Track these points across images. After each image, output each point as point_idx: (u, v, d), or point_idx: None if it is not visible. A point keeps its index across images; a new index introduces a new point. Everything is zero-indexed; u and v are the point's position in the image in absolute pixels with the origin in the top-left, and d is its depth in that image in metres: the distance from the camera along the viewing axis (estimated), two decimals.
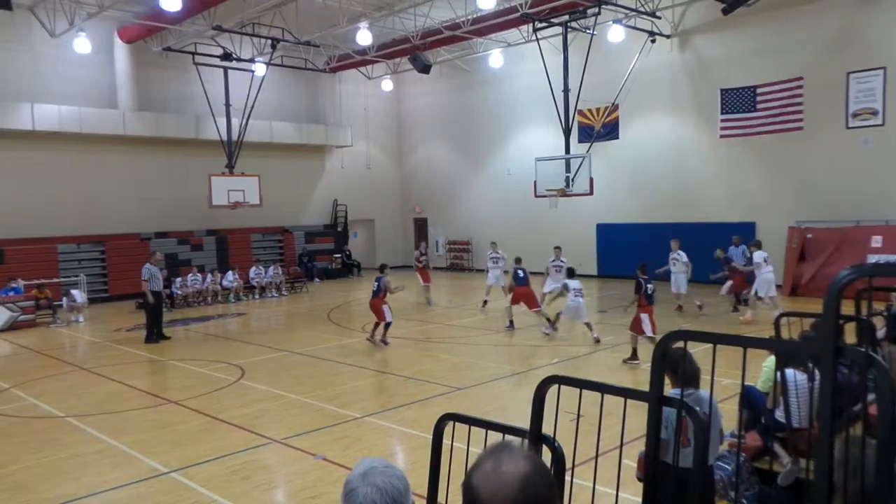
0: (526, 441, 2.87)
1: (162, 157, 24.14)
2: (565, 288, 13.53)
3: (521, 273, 14.79)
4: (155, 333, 15.01)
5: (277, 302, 22.06)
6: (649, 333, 11.19)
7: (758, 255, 14.66)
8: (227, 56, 22.35)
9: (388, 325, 13.48)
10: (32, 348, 15.04)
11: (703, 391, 4.39)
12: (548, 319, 14.22)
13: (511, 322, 14.91)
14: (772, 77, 19.26)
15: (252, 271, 23.18)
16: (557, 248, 16.86)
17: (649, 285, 11.55)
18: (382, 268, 14.45)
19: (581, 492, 3.85)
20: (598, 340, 13.04)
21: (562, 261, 16.23)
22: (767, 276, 14.54)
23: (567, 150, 19.46)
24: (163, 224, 24.11)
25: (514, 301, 14.68)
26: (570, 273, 14.00)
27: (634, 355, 11.30)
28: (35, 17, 20.65)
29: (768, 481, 5.33)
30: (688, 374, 4.34)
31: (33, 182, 21.46)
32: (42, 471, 7.29)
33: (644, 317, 11.27)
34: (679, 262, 16.71)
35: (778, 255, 19.27)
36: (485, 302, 18.08)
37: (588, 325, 13.36)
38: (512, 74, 25.85)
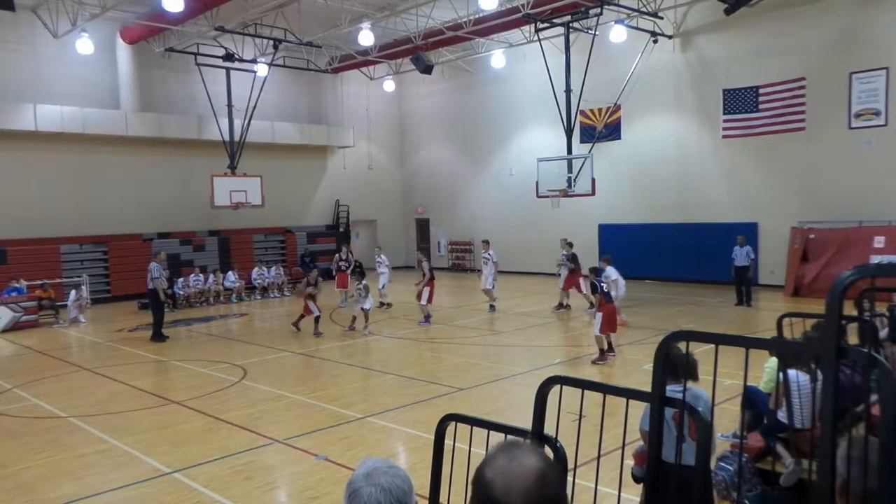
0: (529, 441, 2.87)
1: (164, 158, 24.17)
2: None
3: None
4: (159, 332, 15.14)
5: (279, 302, 22.09)
6: (597, 332, 11.33)
7: (611, 271, 14.08)
8: (229, 57, 22.38)
9: (317, 318, 15.08)
10: (35, 349, 15.06)
11: (699, 389, 4.39)
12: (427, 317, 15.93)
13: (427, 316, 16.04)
14: (774, 77, 19.25)
15: (255, 272, 23.22)
16: (486, 241, 18.34)
17: (602, 284, 11.67)
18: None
19: (583, 492, 3.85)
20: (361, 328, 15.04)
21: (489, 254, 17.71)
22: (622, 292, 14.59)
23: (569, 151, 19.46)
24: (165, 224, 24.14)
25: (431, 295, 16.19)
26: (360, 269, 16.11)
27: (603, 354, 11.47)
28: (38, 17, 20.69)
29: (771, 482, 5.32)
30: (687, 368, 4.32)
31: (36, 182, 21.50)
32: (45, 471, 7.30)
33: (599, 315, 11.31)
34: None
35: (780, 255, 19.29)
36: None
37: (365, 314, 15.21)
38: (514, 75, 25.85)
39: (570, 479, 2.82)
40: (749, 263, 17.16)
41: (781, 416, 5.46)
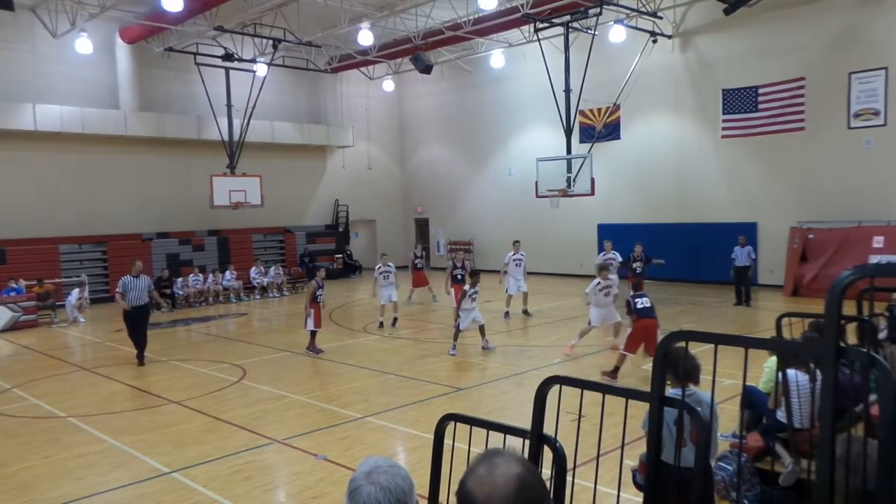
0: (517, 444, 2.87)
1: (164, 158, 24.16)
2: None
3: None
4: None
5: (279, 302, 22.08)
6: (623, 349, 10.51)
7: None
8: (228, 56, 22.37)
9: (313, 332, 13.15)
10: (34, 348, 15.06)
11: (703, 392, 4.39)
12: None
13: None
14: (773, 77, 19.25)
15: (253, 271, 23.20)
16: (517, 241, 17.26)
17: (637, 301, 10.77)
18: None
19: (582, 492, 3.85)
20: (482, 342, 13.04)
21: (521, 254, 16.64)
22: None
23: (568, 151, 19.46)
24: (164, 224, 24.13)
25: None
26: None
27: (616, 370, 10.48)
28: (37, 17, 20.71)
29: (770, 482, 5.32)
30: (687, 370, 4.34)
31: (35, 182, 21.49)
32: (44, 471, 7.30)
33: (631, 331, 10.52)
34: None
35: (779, 255, 19.30)
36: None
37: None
38: (513, 75, 25.84)
39: (569, 479, 2.83)
40: (750, 263, 17.20)
41: (781, 415, 5.46)
